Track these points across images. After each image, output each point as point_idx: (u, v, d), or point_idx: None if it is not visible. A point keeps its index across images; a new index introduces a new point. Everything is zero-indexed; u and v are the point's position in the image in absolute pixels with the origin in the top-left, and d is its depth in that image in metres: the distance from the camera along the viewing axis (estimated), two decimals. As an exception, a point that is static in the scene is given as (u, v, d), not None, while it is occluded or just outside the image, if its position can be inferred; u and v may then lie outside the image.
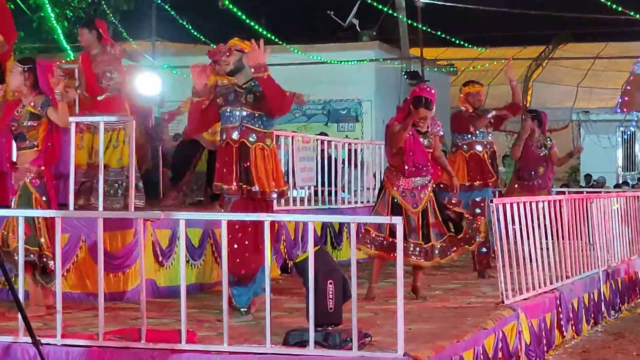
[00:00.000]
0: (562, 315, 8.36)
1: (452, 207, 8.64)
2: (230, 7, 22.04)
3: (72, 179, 8.44)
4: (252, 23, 22.29)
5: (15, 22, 9.48)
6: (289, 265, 10.26)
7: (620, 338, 8.85)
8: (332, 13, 24.72)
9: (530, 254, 8.13)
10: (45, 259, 7.28)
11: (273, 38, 21.91)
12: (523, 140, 11.23)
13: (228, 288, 6.07)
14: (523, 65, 26.52)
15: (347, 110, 22.34)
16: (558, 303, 8.33)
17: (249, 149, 6.98)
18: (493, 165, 10.07)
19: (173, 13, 23.42)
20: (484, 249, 9.80)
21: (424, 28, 23.24)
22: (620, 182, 24.51)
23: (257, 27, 22.16)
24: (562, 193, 12.34)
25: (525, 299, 7.78)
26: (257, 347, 5.69)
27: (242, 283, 7.06)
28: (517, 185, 11.63)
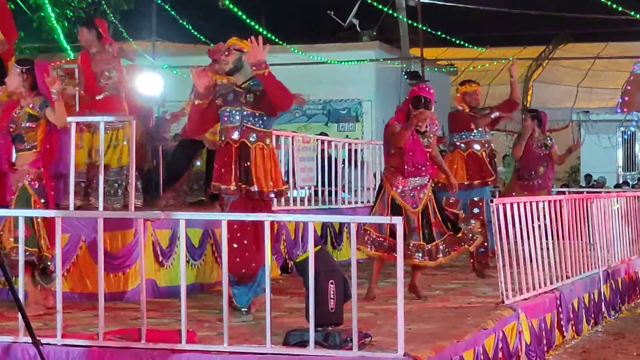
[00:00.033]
0: (562, 315, 8.36)
1: (448, 207, 8.63)
2: (231, 7, 22.03)
3: (72, 179, 8.42)
4: (252, 23, 22.28)
5: (16, 22, 9.47)
6: (289, 265, 10.26)
7: (621, 338, 8.85)
8: (332, 13, 24.71)
9: (531, 254, 8.13)
10: (45, 260, 7.27)
11: (273, 38, 21.90)
12: (525, 140, 11.26)
13: (228, 288, 6.07)
14: (523, 66, 26.51)
15: (347, 110, 22.34)
16: (558, 303, 8.32)
17: (250, 149, 6.96)
18: (491, 164, 10.06)
19: (173, 13, 23.42)
20: (482, 249, 9.81)
21: (424, 28, 23.23)
22: (621, 182, 24.50)
23: (257, 27, 22.14)
24: (562, 193, 12.34)
25: (526, 299, 7.77)
26: (257, 347, 5.69)
27: (242, 283, 7.06)
28: (517, 185, 11.65)
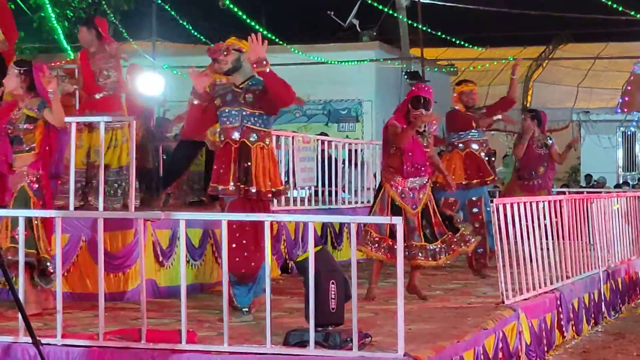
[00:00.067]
0: (562, 316, 8.36)
1: (447, 208, 8.63)
2: (231, 7, 22.04)
3: (72, 179, 8.43)
4: (252, 23, 22.29)
5: (16, 22, 9.46)
6: (289, 266, 10.26)
7: (621, 338, 8.85)
8: (332, 13, 24.72)
9: (531, 254, 8.13)
10: (44, 262, 7.26)
11: (273, 38, 21.90)
12: (527, 140, 11.31)
13: (228, 288, 6.07)
14: (523, 66, 26.49)
15: (347, 111, 22.35)
16: (558, 303, 8.32)
17: (250, 149, 6.95)
18: (490, 163, 10.06)
19: (173, 13, 23.42)
20: (481, 249, 9.83)
21: (424, 28, 23.23)
22: (621, 182, 24.50)
23: (257, 27, 22.15)
24: (562, 193, 12.34)
25: (526, 299, 7.77)
26: (257, 347, 5.69)
27: (242, 283, 7.06)
28: (517, 185, 11.67)
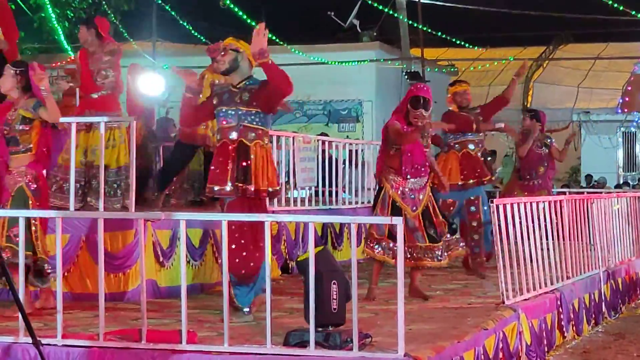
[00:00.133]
0: (562, 316, 8.36)
1: (445, 209, 8.63)
2: (231, 7, 22.04)
3: (72, 179, 8.44)
4: (252, 23, 22.28)
5: (16, 22, 9.45)
6: (290, 266, 10.26)
7: (621, 339, 8.85)
8: (332, 14, 24.72)
9: (531, 255, 8.13)
10: (40, 262, 7.25)
11: (274, 38, 21.90)
12: (532, 139, 11.39)
13: (229, 288, 6.07)
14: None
15: (347, 111, 22.35)
16: (559, 303, 8.33)
17: (248, 148, 6.95)
18: (486, 163, 10.07)
19: (173, 13, 23.43)
20: (477, 248, 9.86)
21: (425, 28, 23.23)
22: (621, 182, 24.51)
23: (257, 27, 22.14)
24: (562, 193, 12.35)
25: (526, 300, 7.77)
26: (257, 347, 5.69)
27: (243, 283, 7.06)
28: (517, 185, 11.70)
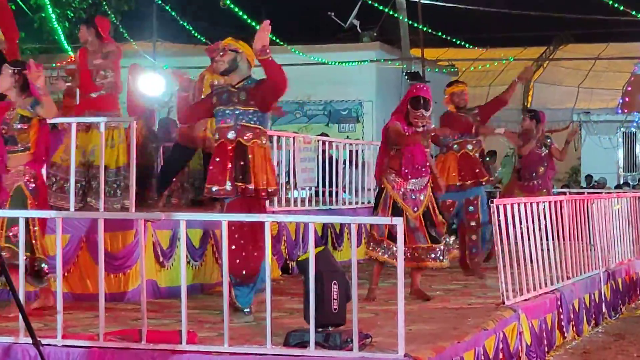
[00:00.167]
0: (562, 316, 8.36)
1: (444, 209, 8.63)
2: (231, 7, 22.04)
3: (72, 179, 8.44)
4: (252, 23, 22.29)
5: (17, 22, 9.45)
6: (290, 266, 10.26)
7: (621, 339, 8.85)
8: (332, 14, 24.72)
9: (531, 255, 8.13)
10: (38, 263, 7.24)
11: (274, 38, 21.90)
12: (535, 139, 11.43)
13: (229, 288, 6.07)
14: (524, 66, 26.49)
15: (348, 111, 22.37)
16: (559, 304, 8.33)
17: (246, 147, 6.96)
18: (484, 163, 10.08)
19: (174, 14, 23.43)
20: (475, 249, 9.87)
21: (425, 29, 23.23)
22: (621, 182, 24.51)
23: (257, 27, 22.15)
24: (562, 194, 12.36)
25: (526, 300, 7.78)
26: (257, 347, 5.70)
27: (244, 283, 7.07)
28: (517, 186, 11.72)
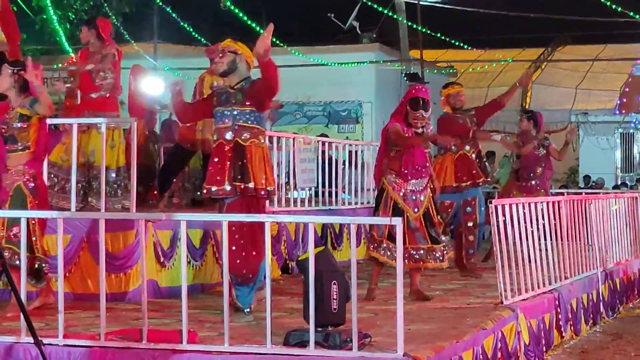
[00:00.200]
0: (560, 316, 8.39)
1: (443, 210, 8.66)
2: (232, 8, 22.06)
3: (73, 179, 8.46)
4: (252, 24, 22.32)
5: (18, 24, 9.48)
6: (290, 266, 10.28)
7: (619, 339, 8.87)
8: (332, 15, 24.75)
9: (529, 255, 8.16)
10: (38, 262, 7.27)
11: (274, 40, 21.87)
12: (536, 139, 11.51)
13: (229, 288, 6.10)
14: (522, 68, 26.52)
15: (347, 112, 22.39)
16: (557, 303, 8.35)
17: (244, 147, 7.00)
18: (481, 164, 10.11)
19: (174, 15, 23.45)
20: (472, 250, 9.91)
21: (424, 30, 23.26)
22: (619, 183, 24.53)
23: (257, 28, 22.18)
24: (560, 194, 12.39)
25: (524, 300, 7.80)
26: (257, 347, 5.72)
27: (244, 283, 7.10)
28: (515, 186, 11.76)
